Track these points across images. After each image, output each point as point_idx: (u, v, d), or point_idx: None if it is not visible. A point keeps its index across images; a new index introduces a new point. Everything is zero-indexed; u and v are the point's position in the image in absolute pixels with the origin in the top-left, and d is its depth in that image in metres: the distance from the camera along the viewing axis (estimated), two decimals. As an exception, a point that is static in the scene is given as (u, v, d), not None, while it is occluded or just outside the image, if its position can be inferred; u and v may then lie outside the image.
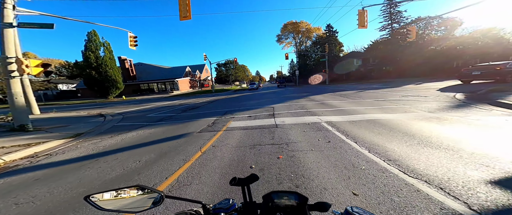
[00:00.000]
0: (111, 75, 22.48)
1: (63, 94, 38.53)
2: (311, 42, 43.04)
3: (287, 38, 47.10)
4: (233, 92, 23.73)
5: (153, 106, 12.34)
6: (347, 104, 7.08)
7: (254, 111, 7.21)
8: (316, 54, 36.28)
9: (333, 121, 4.76)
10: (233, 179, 0.53)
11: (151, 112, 9.19)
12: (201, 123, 5.74)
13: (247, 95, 17.02)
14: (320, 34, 40.20)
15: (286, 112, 6.36)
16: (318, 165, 2.37)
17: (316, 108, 6.80)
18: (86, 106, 15.86)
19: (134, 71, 36.88)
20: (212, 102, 12.10)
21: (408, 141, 2.98)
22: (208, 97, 17.04)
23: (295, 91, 16.59)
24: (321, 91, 14.51)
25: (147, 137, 4.55)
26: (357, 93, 10.76)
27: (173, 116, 7.60)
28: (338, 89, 15.19)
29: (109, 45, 23.62)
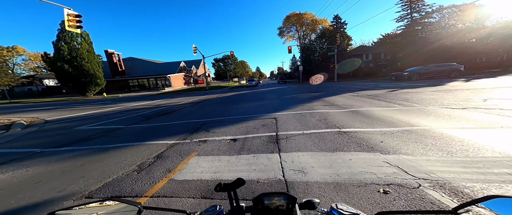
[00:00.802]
0: (88, 70, 19.63)
1: (48, 91, 35.84)
2: (315, 36, 39.62)
3: (289, 31, 43.57)
4: (229, 90, 20.92)
5: (122, 108, 9.62)
6: (412, 117, 4.26)
7: (245, 126, 4.47)
8: (321, 48, 33.07)
9: (439, 177, 1.84)
10: (218, 185, 0.51)
11: (101, 120, 6.45)
12: (138, 154, 3.03)
13: (243, 94, 14.21)
14: (327, 26, 36.71)
15: (301, 134, 3.58)
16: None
17: (355, 124, 4.01)
18: (31, 107, 13.10)
19: (123, 66, 34.05)
20: (197, 104, 9.35)
21: None
22: (198, 97, 14.29)
23: (300, 90, 13.73)
24: (335, 90, 11.67)
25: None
26: (390, 94, 7.94)
27: (118, 129, 4.86)
28: (355, 87, 12.33)
29: (88, 36, 20.67)
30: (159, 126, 4.94)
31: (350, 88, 12.32)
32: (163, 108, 8.90)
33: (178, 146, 3.32)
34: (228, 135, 3.82)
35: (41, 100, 18.76)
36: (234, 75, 64.60)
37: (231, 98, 11.61)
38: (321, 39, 34.50)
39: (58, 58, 18.47)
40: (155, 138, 3.88)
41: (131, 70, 35.46)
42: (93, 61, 20.32)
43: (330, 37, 31.21)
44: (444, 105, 5.02)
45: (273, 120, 4.73)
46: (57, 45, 18.44)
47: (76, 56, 18.89)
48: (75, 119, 6.81)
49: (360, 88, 11.40)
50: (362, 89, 10.72)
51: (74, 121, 6.42)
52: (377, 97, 7.22)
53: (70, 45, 18.82)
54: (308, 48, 34.13)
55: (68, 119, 7.00)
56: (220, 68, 63.39)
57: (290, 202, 0.50)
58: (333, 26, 33.40)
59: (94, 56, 20.75)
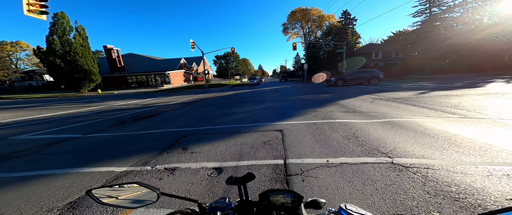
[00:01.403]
0: (82, 65, 18.61)
1: (48, 86, 35.38)
2: (321, 33, 37.64)
3: (294, 28, 41.78)
4: (228, 89, 19.62)
5: (105, 107, 8.44)
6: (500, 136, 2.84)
7: (239, 142, 3.15)
8: (328, 46, 31.23)
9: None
10: (229, 178, 0.52)
11: (65, 123, 5.23)
12: (44, 195, 1.74)
13: (243, 94, 12.87)
14: (334, 22, 34.74)
15: (325, 166, 2.27)
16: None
17: (412, 148, 2.66)
18: (10, 104, 12.09)
19: (122, 62, 33.15)
20: (189, 105, 8.09)
21: None
22: (193, 96, 13.05)
23: (307, 91, 12.29)
24: (348, 91, 10.19)
25: None
26: (424, 97, 6.45)
27: (67, 140, 3.60)
28: (370, 88, 10.80)
29: (84, 30, 19.63)
30: (125, 137, 3.67)
31: (365, 89, 10.80)
32: (149, 108, 7.66)
33: (127, 179, 2.03)
34: (212, 158, 2.52)
35: (29, 97, 17.92)
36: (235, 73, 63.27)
37: (229, 98, 10.29)
38: (327, 36, 32.61)
39: (49, 53, 17.49)
40: (103, 159, 2.60)
41: (131, 67, 34.55)
42: (87, 56, 19.30)
43: (337, 34, 29.33)
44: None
45: (278, 134, 3.38)
46: (49, 39, 17.45)
47: (70, 50, 17.86)
48: (33, 122, 5.61)
49: (378, 90, 9.89)
50: (381, 91, 9.22)
51: (30, 125, 5.22)
52: (410, 102, 5.76)
53: (63, 39, 17.80)
54: (313, 45, 32.31)
55: (25, 121, 5.81)
56: (222, 66, 62.01)
57: (296, 200, 0.50)
58: (341, 23, 31.43)
59: (89, 51, 19.71)
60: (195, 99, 10.56)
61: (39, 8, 5.47)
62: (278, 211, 0.51)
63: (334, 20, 35.65)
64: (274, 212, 0.50)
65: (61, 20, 17.80)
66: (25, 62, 50.87)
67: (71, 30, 18.48)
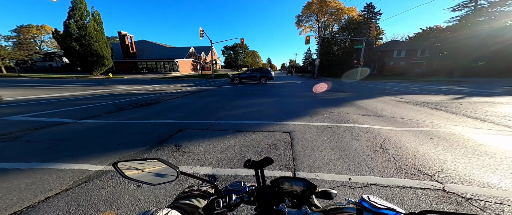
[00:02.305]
0: (96, 49, 18.90)
1: (67, 67, 37.10)
2: (338, 27, 34.89)
3: (308, 21, 39.14)
4: (235, 80, 19.05)
5: (110, 91, 8.35)
6: None
7: (240, 143, 2.69)
8: (344, 41, 28.98)
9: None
10: (247, 161, 0.52)
11: (64, 105, 5.08)
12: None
13: (249, 86, 12.31)
14: (355, 16, 31.89)
15: (347, 186, 1.74)
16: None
17: (471, 171, 2.01)
18: (26, 82, 12.44)
19: (134, 48, 33.55)
20: (192, 95, 7.75)
21: None
22: (198, 86, 12.72)
23: (316, 87, 11.41)
24: (365, 91, 9.23)
25: None
26: (462, 103, 5.47)
27: (57, 125, 3.34)
28: (390, 89, 9.69)
29: (99, 16, 19.79)
30: (118, 126, 3.34)
31: (384, 89, 9.73)
32: (152, 95, 7.42)
33: (100, 182, 1.65)
34: (207, 162, 2.08)
35: (46, 76, 18.71)
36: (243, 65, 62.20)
37: (234, 90, 9.81)
38: (344, 31, 30.13)
39: (66, 36, 17.87)
40: (81, 153, 2.26)
41: (142, 53, 34.93)
42: (101, 40, 19.54)
43: (356, 28, 26.90)
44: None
45: (287, 137, 2.85)
46: (66, 23, 17.77)
47: (85, 34, 18.14)
48: (34, 102, 5.53)
49: (400, 91, 8.82)
50: (404, 93, 8.19)
51: (29, 105, 5.12)
52: (444, 108, 4.89)
53: (79, 24, 18.03)
54: (328, 40, 30.15)
55: (27, 101, 5.75)
56: (230, 57, 60.97)
57: (309, 188, 0.51)
58: (363, 16, 28.72)
59: (103, 36, 19.94)
60: (200, 89, 10.21)
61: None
62: (290, 198, 0.51)
63: (354, 13, 32.73)
64: (287, 199, 0.51)
65: (79, 5, 17.97)
66: (48, 45, 53.81)
67: (87, 15, 18.67)
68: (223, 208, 0.47)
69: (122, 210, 1.36)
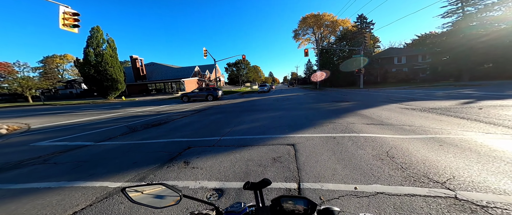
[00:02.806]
0: (111, 74, 20.70)
1: (85, 93, 40.18)
2: (334, 38, 36.51)
3: (305, 34, 41.45)
4: (238, 96, 19.69)
5: (123, 114, 8.92)
6: None
7: (245, 157, 2.80)
8: (342, 51, 29.92)
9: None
10: (246, 183, 0.54)
11: (83, 130, 5.50)
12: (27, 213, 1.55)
13: (253, 102, 12.65)
14: (349, 27, 33.55)
15: (353, 195, 1.79)
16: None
17: (480, 176, 1.98)
18: (49, 110, 13.55)
19: (144, 71, 36.26)
20: (199, 113, 8.09)
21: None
22: (204, 103, 13.25)
23: (321, 98, 11.53)
24: (369, 99, 9.20)
25: None
26: (470, 108, 5.34)
27: (77, 148, 3.63)
28: (395, 96, 9.60)
29: (113, 42, 22.12)
30: (131, 146, 3.58)
31: (389, 97, 9.66)
32: (161, 115, 7.83)
33: (119, 197, 1.79)
34: (214, 176, 2.18)
35: (67, 103, 20.29)
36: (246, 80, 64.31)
37: (238, 106, 10.11)
38: (341, 41, 31.36)
39: (85, 63, 19.90)
40: (101, 172, 2.45)
41: (152, 75, 37.57)
42: (115, 66, 21.48)
43: (352, 39, 28.01)
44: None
45: (291, 149, 2.92)
46: (86, 51, 19.97)
47: (101, 61, 20.13)
48: (57, 128, 6.03)
49: (406, 98, 8.71)
50: (410, 99, 8.09)
51: (54, 131, 5.59)
52: (454, 113, 4.78)
53: (97, 51, 20.20)
54: (326, 51, 31.27)
55: (52, 127, 6.28)
56: (233, 73, 63.73)
57: (310, 207, 0.51)
58: (357, 27, 30.17)
59: (117, 61, 21.96)
60: (205, 107, 10.63)
61: (73, 22, 6.12)
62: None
63: (348, 24, 34.48)
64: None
65: (96, 34, 20.36)
66: (69, 73, 59.33)
67: (103, 42, 20.95)
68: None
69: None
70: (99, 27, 20.69)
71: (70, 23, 6.09)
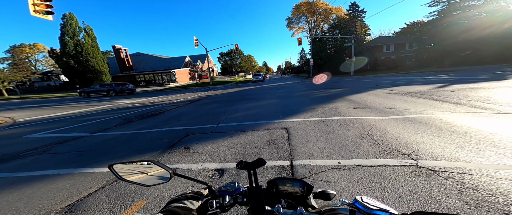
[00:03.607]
0: (93, 65, 19.31)
1: (65, 86, 37.36)
2: (328, 26, 36.06)
3: (298, 22, 40.40)
4: (233, 86, 19.53)
5: (113, 106, 8.66)
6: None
7: (242, 141, 3.02)
8: (335, 40, 29.91)
9: None
10: (239, 162, 0.51)
11: (74, 122, 5.38)
12: (42, 197, 1.70)
13: (247, 91, 12.71)
14: (342, 15, 33.11)
15: (337, 169, 2.08)
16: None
17: (439, 148, 2.38)
18: (30, 103, 12.76)
19: (131, 62, 34.14)
20: (193, 103, 8.08)
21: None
22: (198, 93, 13.10)
23: (314, 86, 11.86)
24: (358, 86, 9.66)
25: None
26: (444, 91, 5.88)
27: (74, 139, 3.64)
28: (382, 82, 10.16)
29: (92, 30, 20.22)
30: (130, 136, 3.65)
31: (376, 83, 10.19)
32: (155, 107, 7.74)
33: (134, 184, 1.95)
34: (214, 159, 2.39)
35: (47, 96, 18.96)
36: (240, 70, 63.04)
37: (233, 95, 10.17)
38: (334, 30, 31.17)
39: (63, 54, 18.28)
40: (105, 159, 2.57)
41: (138, 66, 35.50)
42: (97, 56, 19.99)
43: (344, 27, 27.90)
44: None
45: (284, 132, 3.19)
46: (63, 40, 18.19)
47: (81, 51, 18.56)
48: (46, 121, 5.83)
49: (391, 83, 9.27)
50: (394, 85, 8.63)
51: (43, 124, 5.42)
52: (429, 96, 5.28)
53: (75, 40, 18.48)
54: (319, 40, 31.09)
55: (39, 120, 6.06)
56: (226, 63, 61.92)
57: (306, 189, 0.50)
58: (349, 15, 29.88)
59: (98, 52, 20.39)
60: (200, 97, 10.56)
61: (45, 8, 5.55)
62: (287, 199, 0.50)
63: (341, 12, 33.96)
64: (283, 199, 0.50)
65: (70, 21, 18.41)
66: (43, 64, 53.96)
67: (80, 31, 19.11)
68: (216, 209, 0.46)
69: (150, 200, 1.66)
70: (73, 14, 18.64)
71: (42, 10, 5.51)
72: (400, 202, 1.37)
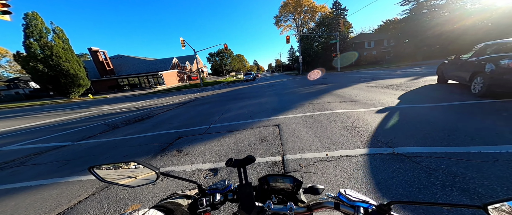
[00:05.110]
0: (67, 69, 17.74)
1: (36, 93, 33.85)
2: (314, 24, 37.10)
3: (286, 20, 40.96)
4: (224, 86, 19.32)
5: (97, 112, 8.11)
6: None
7: (235, 140, 3.09)
8: (322, 37, 30.92)
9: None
10: (229, 160, 0.50)
11: (55, 131, 4.97)
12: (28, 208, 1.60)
13: (239, 90, 12.70)
14: (326, 13, 34.25)
15: (325, 160, 2.24)
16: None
17: (411, 137, 2.63)
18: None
19: (111, 65, 31.98)
20: (184, 105, 7.90)
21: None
22: (189, 95, 12.78)
23: (303, 83, 12.22)
24: (344, 80, 10.16)
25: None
26: (419, 82, 6.45)
27: (55, 148, 3.39)
28: (365, 76, 10.81)
29: (62, 32, 18.45)
30: (117, 142, 3.51)
31: (360, 77, 10.82)
32: (142, 111, 7.42)
33: (117, 185, 1.91)
34: (208, 159, 2.42)
35: (17, 105, 17.08)
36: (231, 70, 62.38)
37: (224, 95, 10.11)
38: (320, 28, 32.18)
39: (29, 57, 16.49)
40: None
41: (121, 69, 33.38)
42: (71, 59, 18.35)
43: (329, 25, 28.99)
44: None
45: (276, 129, 3.31)
46: (26, 43, 16.39)
47: (51, 54, 16.88)
48: (20, 132, 5.32)
49: (373, 77, 9.91)
50: (375, 78, 9.25)
51: (16, 135, 4.94)
52: (405, 88, 5.77)
53: (41, 43, 16.74)
54: (307, 37, 31.92)
55: (11, 132, 5.50)
56: (216, 63, 60.82)
57: (296, 185, 0.51)
58: (333, 13, 31.03)
59: (72, 54, 18.73)
60: (190, 98, 10.33)
61: (1, 7, 5.03)
62: (277, 195, 0.51)
63: (326, 10, 35.12)
64: (273, 195, 0.51)
65: (34, 21, 16.57)
66: (7, 70, 48.24)
67: (48, 32, 17.32)
68: (206, 207, 0.46)
69: (145, 202, 1.66)
70: (37, 14, 16.77)
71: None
72: (380, 187, 1.52)
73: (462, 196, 1.34)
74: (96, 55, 29.35)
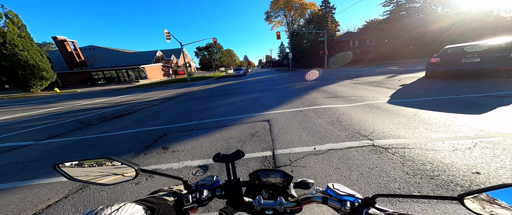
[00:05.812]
0: (26, 59, 15.33)
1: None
2: (304, 21, 37.58)
3: (277, 16, 40.78)
4: (213, 81, 18.71)
5: (66, 108, 7.19)
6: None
7: (225, 136, 3.03)
8: (311, 34, 31.55)
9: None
10: (216, 155, 0.48)
11: (12, 129, 4.28)
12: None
13: (228, 86, 12.42)
14: (316, 10, 34.87)
15: (313, 154, 2.32)
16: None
17: (389, 129, 2.86)
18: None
19: (82, 56, 28.53)
20: (170, 101, 7.46)
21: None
22: (175, 90, 12.10)
23: (293, 79, 12.43)
24: (331, 77, 10.60)
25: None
26: (395, 80, 7.02)
27: (14, 149, 2.94)
28: (350, 74, 11.41)
29: (18, 17, 15.69)
30: (92, 140, 3.17)
31: (346, 74, 11.39)
32: (122, 106, 6.82)
33: (97, 186, 1.73)
34: (197, 156, 2.33)
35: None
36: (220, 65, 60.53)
37: (214, 91, 9.80)
38: (309, 25, 32.74)
39: (-24, 45, 13.81)
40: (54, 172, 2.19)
41: (94, 61, 30.04)
42: (31, 49, 15.85)
43: (318, 22, 29.66)
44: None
45: (266, 124, 3.32)
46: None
47: (4, 42, 14.35)
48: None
49: (356, 74, 10.51)
50: (359, 76, 9.82)
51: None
52: (383, 85, 6.23)
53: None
54: (297, 34, 32.28)
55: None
56: (205, 58, 58.34)
57: (286, 180, 0.51)
58: (322, 11, 31.72)
59: (32, 43, 16.16)
60: (177, 94, 9.79)
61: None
62: (268, 190, 0.51)
63: (315, 8, 35.73)
64: (264, 191, 0.51)
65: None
66: None
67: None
68: (192, 204, 0.45)
69: (128, 205, 1.54)
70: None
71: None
72: (362, 178, 1.61)
73: (431, 184, 1.50)
74: (63, 45, 25.84)
